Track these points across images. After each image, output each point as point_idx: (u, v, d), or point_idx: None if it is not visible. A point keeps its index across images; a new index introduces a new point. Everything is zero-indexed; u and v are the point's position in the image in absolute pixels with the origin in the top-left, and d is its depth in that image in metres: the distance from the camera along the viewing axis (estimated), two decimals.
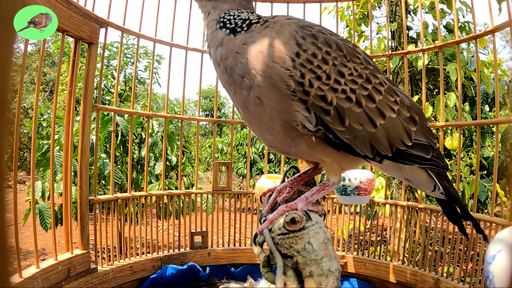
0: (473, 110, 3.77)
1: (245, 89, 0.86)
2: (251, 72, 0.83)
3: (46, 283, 1.53)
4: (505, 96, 3.71)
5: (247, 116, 0.92)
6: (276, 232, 0.80)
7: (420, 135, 0.97)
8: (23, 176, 9.45)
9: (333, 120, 0.83)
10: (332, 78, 0.84)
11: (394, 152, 0.91)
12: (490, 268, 0.92)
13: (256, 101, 0.85)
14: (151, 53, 5.05)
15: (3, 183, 0.30)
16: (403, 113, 0.95)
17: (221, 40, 0.90)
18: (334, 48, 0.87)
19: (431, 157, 0.98)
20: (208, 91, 18.94)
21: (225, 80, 0.91)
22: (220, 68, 0.91)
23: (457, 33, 2.03)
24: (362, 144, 0.87)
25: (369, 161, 0.94)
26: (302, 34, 0.85)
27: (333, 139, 0.84)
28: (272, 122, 0.86)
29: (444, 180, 1.09)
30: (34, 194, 1.68)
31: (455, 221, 1.18)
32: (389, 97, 0.93)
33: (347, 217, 3.14)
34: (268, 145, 0.98)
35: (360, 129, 0.86)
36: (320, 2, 2.43)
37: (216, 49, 0.91)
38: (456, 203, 1.13)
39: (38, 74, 1.63)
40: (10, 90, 0.29)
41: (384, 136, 0.89)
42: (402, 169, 1.06)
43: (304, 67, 0.82)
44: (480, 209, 4.42)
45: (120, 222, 2.99)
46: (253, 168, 7.80)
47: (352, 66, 0.89)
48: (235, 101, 0.93)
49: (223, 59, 0.89)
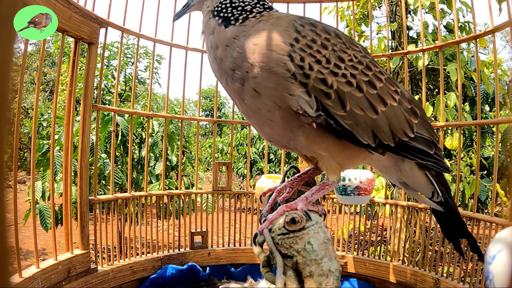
0: (473, 110, 3.77)
1: (237, 81, 0.86)
2: (243, 66, 0.83)
3: (46, 283, 1.53)
4: (505, 96, 3.71)
5: (244, 109, 0.91)
6: (276, 232, 0.80)
7: (422, 129, 0.96)
8: (23, 176, 9.44)
9: (334, 104, 0.83)
10: (332, 63, 0.84)
11: (397, 143, 0.90)
12: (490, 268, 0.92)
13: (252, 94, 0.84)
14: (151, 53, 5.05)
15: (3, 183, 0.30)
16: (404, 103, 0.94)
17: (212, 29, 0.91)
18: (333, 36, 0.88)
19: (434, 153, 0.96)
20: (208, 91, 18.94)
21: (216, 69, 0.92)
22: (210, 56, 0.92)
23: (457, 33, 2.03)
24: (363, 131, 0.85)
25: (372, 152, 0.91)
26: (301, 22, 0.86)
27: (334, 126, 0.83)
28: (270, 114, 0.85)
29: (443, 187, 1.06)
30: (34, 194, 1.68)
31: (451, 238, 1.15)
32: (389, 86, 0.92)
33: (347, 217, 3.14)
34: (268, 139, 0.97)
35: (362, 114, 0.85)
36: (320, 2, 2.43)
37: (208, 37, 0.92)
38: (453, 215, 1.10)
39: (38, 74, 1.63)
40: (10, 90, 0.29)
41: (386, 124, 0.88)
42: (402, 171, 1.04)
43: (303, 51, 0.82)
44: (480, 209, 4.42)
45: (120, 222, 2.99)
46: (253, 168, 7.80)
47: (351, 53, 0.88)
48: (228, 91, 0.94)
49: (213, 49, 0.90)
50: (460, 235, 1.14)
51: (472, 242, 1.14)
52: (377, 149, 0.89)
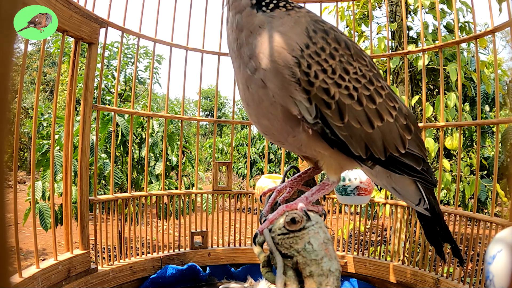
0: (473, 110, 3.76)
1: (250, 69, 0.85)
2: (258, 55, 0.83)
3: (46, 283, 1.53)
4: (505, 96, 3.71)
5: (246, 96, 0.90)
6: (276, 232, 0.80)
7: (414, 145, 0.98)
8: (23, 176, 9.44)
9: (333, 114, 0.83)
10: (337, 74, 0.85)
11: (387, 157, 0.91)
12: (490, 268, 0.92)
13: (259, 83, 0.84)
14: (151, 53, 5.05)
15: (3, 183, 0.30)
16: (400, 119, 0.95)
17: (242, 7, 0.87)
18: (342, 46, 0.88)
19: (421, 169, 0.98)
20: (208, 91, 18.95)
21: (233, 49, 0.89)
22: (232, 35, 0.89)
23: (457, 33, 2.03)
24: (357, 144, 0.87)
25: (361, 164, 0.93)
26: (314, 28, 0.85)
27: (329, 135, 0.84)
28: (272, 108, 0.85)
29: (430, 195, 1.09)
30: (34, 194, 1.68)
31: (434, 242, 1.18)
32: (388, 101, 0.94)
33: (347, 217, 3.14)
34: (263, 132, 0.96)
35: (358, 127, 0.86)
36: (320, 2, 2.43)
37: (235, 14, 0.88)
38: (438, 221, 1.13)
39: (38, 74, 1.63)
40: (10, 90, 0.29)
41: (380, 139, 0.89)
42: (392, 177, 1.06)
43: (311, 58, 0.82)
44: (480, 209, 4.42)
45: (120, 222, 2.99)
46: (253, 168, 7.80)
47: (357, 66, 0.89)
48: (237, 76, 0.92)
49: (237, 29, 0.87)
50: (443, 240, 1.17)
51: (454, 247, 1.17)
52: (367, 161, 0.91)
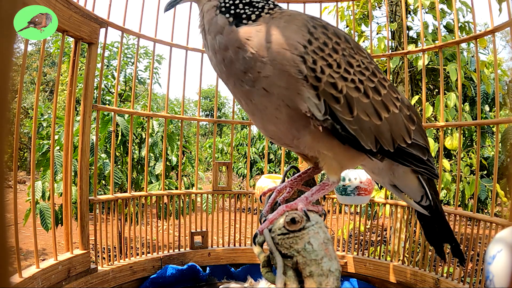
0: (473, 110, 3.76)
1: (248, 83, 0.83)
2: (256, 66, 0.81)
3: (46, 283, 1.53)
4: (505, 96, 3.71)
5: (250, 108, 0.90)
6: (276, 232, 0.80)
7: (418, 136, 0.98)
8: (23, 176, 9.44)
9: (342, 108, 0.83)
10: (342, 67, 0.85)
11: (396, 148, 0.91)
12: (490, 268, 0.92)
13: (261, 93, 0.83)
14: (151, 53, 5.05)
15: (3, 183, 0.30)
16: (404, 110, 0.96)
17: (221, 28, 0.84)
18: (343, 40, 0.88)
19: (426, 159, 0.98)
20: (208, 91, 18.94)
21: (223, 70, 0.87)
22: (216, 57, 0.86)
23: (457, 33, 2.03)
24: (367, 137, 0.87)
25: (371, 158, 0.93)
26: (313, 24, 0.85)
27: (340, 130, 0.83)
28: (277, 112, 0.84)
29: (433, 192, 1.09)
30: (34, 194, 1.68)
31: (434, 242, 1.17)
32: (392, 93, 0.94)
33: (347, 217, 3.14)
34: (270, 137, 0.96)
35: (367, 120, 0.86)
36: (320, 2, 2.43)
37: (214, 36, 0.85)
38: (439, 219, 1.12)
39: (38, 74, 1.63)
40: (10, 90, 0.29)
41: (388, 130, 0.90)
42: (395, 173, 1.06)
43: (316, 54, 0.82)
44: (480, 209, 4.42)
45: (120, 222, 2.99)
46: (253, 168, 7.80)
47: (359, 59, 0.89)
48: (236, 93, 0.91)
49: (221, 50, 0.84)
50: (443, 240, 1.16)
51: (455, 246, 1.17)
52: (377, 155, 0.91)
